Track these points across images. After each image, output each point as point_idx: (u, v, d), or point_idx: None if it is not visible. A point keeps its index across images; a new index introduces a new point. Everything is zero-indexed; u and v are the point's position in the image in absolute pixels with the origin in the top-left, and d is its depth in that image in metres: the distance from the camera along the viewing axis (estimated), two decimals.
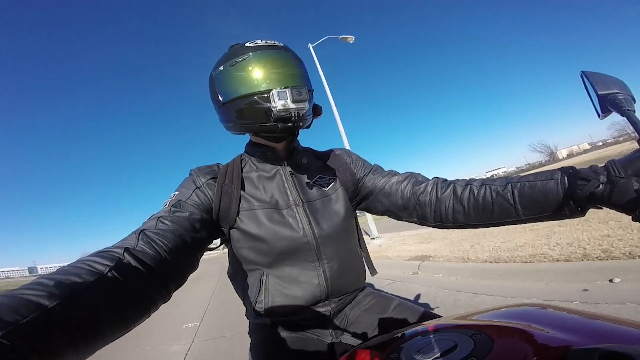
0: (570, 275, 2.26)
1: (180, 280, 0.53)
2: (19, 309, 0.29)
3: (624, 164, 0.42)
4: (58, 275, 0.36)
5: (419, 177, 0.71)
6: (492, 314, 0.52)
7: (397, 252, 4.96)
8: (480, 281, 2.62)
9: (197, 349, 2.86)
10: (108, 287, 0.39)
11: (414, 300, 2.47)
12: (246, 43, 0.63)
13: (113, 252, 0.44)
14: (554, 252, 2.74)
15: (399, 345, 0.46)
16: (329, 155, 0.79)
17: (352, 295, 0.74)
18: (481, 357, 0.36)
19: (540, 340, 0.38)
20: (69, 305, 0.33)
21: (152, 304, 0.45)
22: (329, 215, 0.68)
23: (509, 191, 0.55)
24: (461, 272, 2.94)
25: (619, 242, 2.52)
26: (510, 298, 2.17)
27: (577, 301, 1.88)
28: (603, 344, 0.32)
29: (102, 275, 0.39)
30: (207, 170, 0.68)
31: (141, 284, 0.44)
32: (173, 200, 0.62)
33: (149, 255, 0.47)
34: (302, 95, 0.57)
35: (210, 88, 0.67)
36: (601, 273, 2.11)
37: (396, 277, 3.41)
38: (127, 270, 0.42)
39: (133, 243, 0.48)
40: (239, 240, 0.65)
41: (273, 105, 0.56)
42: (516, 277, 2.50)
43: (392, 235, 7.78)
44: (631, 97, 0.43)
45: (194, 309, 4.82)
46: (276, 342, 0.68)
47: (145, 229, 0.52)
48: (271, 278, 0.65)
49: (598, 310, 1.70)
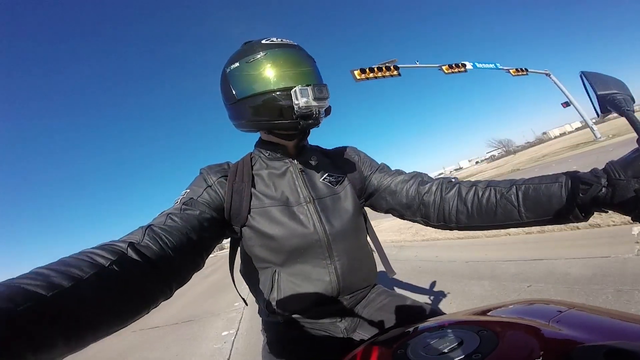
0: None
1: (183, 278, 0.53)
2: (14, 298, 0.29)
3: (623, 165, 0.42)
4: (58, 265, 0.36)
5: (425, 177, 0.71)
6: (499, 310, 0.52)
7: (382, 240, 5.47)
8: (436, 250, 4.21)
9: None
10: (108, 280, 0.38)
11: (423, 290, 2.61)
12: (262, 40, 0.63)
13: (117, 245, 0.44)
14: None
15: (406, 341, 0.47)
16: (337, 153, 0.80)
17: (363, 292, 0.75)
18: (486, 353, 0.37)
19: (546, 337, 0.38)
20: (65, 297, 0.32)
21: (152, 301, 0.45)
22: (338, 213, 0.69)
23: (513, 193, 0.55)
24: (425, 248, 4.60)
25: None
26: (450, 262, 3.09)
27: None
28: (609, 341, 0.32)
29: (103, 268, 0.38)
30: (218, 169, 0.69)
31: (142, 279, 0.43)
32: (184, 197, 0.62)
33: (153, 251, 0.47)
34: (323, 93, 0.57)
35: (223, 84, 0.66)
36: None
37: (392, 250, 5.07)
38: (129, 265, 0.42)
39: (138, 238, 0.48)
40: (251, 238, 0.66)
41: (295, 102, 0.57)
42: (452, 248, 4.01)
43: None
44: (630, 97, 0.42)
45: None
46: (289, 339, 0.69)
47: (153, 224, 0.52)
48: (283, 275, 0.66)
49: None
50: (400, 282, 2.94)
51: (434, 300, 2.36)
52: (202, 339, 3.42)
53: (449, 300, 2.33)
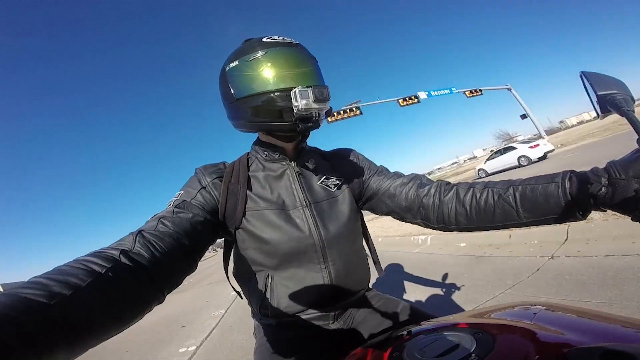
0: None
1: (175, 283, 0.52)
2: (18, 307, 0.30)
3: (624, 165, 0.42)
4: (55, 274, 0.36)
5: (424, 179, 0.71)
6: (495, 312, 0.52)
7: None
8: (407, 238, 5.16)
9: None
10: (104, 288, 0.39)
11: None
12: (263, 38, 0.61)
13: (109, 253, 0.44)
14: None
15: (402, 343, 0.46)
16: (336, 155, 0.79)
17: (357, 296, 0.74)
18: (482, 355, 0.36)
19: (542, 339, 0.38)
20: (67, 305, 0.33)
21: (146, 306, 0.45)
22: (335, 217, 0.68)
23: (511, 194, 0.55)
24: (402, 238, 5.44)
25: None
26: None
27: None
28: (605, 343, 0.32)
29: (99, 275, 0.39)
30: (213, 169, 0.68)
31: (136, 286, 0.44)
32: (177, 200, 0.61)
33: (145, 257, 0.47)
34: (323, 95, 0.56)
35: (222, 83, 0.65)
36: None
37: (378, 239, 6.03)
38: (123, 272, 0.43)
39: (130, 245, 0.48)
40: (245, 240, 0.65)
41: (295, 104, 0.55)
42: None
43: None
44: (630, 97, 0.42)
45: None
46: (281, 342, 0.68)
47: (144, 230, 0.52)
48: (277, 279, 0.65)
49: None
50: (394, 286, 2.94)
51: (428, 303, 2.36)
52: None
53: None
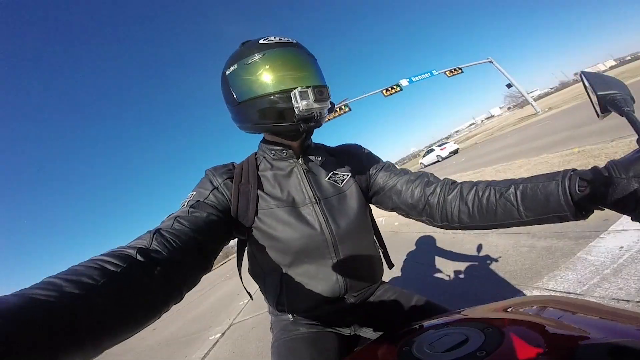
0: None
1: (193, 282, 0.52)
2: (28, 308, 0.29)
3: (625, 164, 0.41)
4: (69, 275, 0.36)
5: (431, 177, 0.70)
6: (504, 307, 0.52)
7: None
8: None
9: None
10: (119, 288, 0.38)
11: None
12: (259, 40, 0.61)
13: (126, 251, 0.44)
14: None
15: (412, 338, 0.47)
16: (342, 151, 0.80)
17: (370, 290, 0.75)
18: (491, 350, 0.37)
19: (551, 334, 0.38)
20: (78, 306, 0.33)
21: (163, 305, 0.44)
22: (345, 212, 0.69)
23: (512, 193, 0.55)
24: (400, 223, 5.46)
25: None
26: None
27: None
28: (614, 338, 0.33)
29: (114, 275, 0.38)
30: (223, 170, 0.69)
31: (153, 285, 0.43)
32: (191, 200, 0.62)
33: (163, 256, 0.47)
34: (323, 95, 0.57)
35: (224, 87, 0.65)
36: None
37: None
38: (139, 271, 0.42)
39: (147, 243, 0.47)
40: (258, 239, 0.66)
41: (295, 105, 0.56)
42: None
43: None
44: (630, 97, 0.42)
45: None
46: (297, 337, 0.70)
47: (161, 228, 0.52)
48: (291, 275, 0.67)
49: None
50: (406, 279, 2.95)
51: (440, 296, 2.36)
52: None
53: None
